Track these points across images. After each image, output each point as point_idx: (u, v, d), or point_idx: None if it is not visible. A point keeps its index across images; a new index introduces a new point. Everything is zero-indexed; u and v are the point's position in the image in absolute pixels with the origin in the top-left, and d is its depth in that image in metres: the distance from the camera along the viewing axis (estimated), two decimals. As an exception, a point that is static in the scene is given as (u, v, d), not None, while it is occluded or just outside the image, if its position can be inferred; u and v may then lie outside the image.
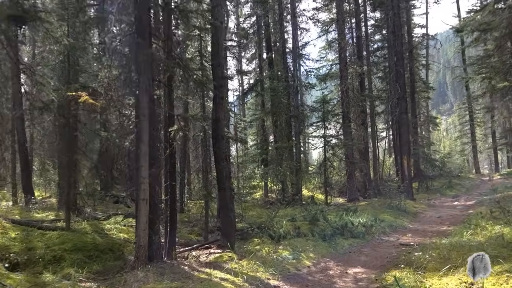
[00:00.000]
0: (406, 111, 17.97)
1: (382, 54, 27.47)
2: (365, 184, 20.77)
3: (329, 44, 23.15)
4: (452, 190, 22.67)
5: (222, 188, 9.80)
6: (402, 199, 15.28)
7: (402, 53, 18.78)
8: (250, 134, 30.62)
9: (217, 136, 9.62)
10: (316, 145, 20.13)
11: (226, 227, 9.75)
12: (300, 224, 11.23)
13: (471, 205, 15.75)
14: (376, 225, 11.28)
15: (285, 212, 14.59)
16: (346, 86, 19.83)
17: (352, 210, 13.33)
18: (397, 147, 23.47)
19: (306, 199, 19.33)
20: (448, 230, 11.54)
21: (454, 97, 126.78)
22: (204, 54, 12.05)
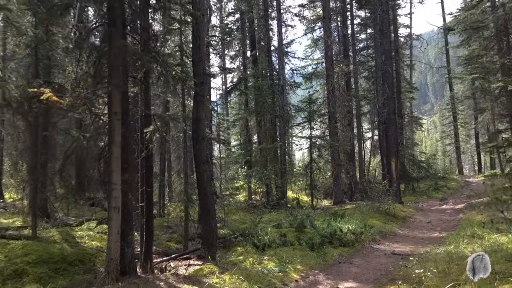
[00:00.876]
0: (394, 111, 17.51)
1: (368, 53, 27.05)
2: (351, 186, 20.27)
3: (315, 42, 22.59)
4: (439, 192, 22.37)
5: (203, 193, 9.09)
6: (390, 202, 14.79)
7: (391, 52, 18.33)
8: (234, 134, 29.87)
9: (198, 137, 8.89)
10: (301, 146, 19.52)
11: (207, 236, 9.03)
12: (286, 231, 10.58)
13: (460, 209, 15.36)
14: (366, 232, 10.71)
15: (270, 216, 13.94)
16: (333, 86, 19.29)
17: (339, 215, 12.74)
18: (383, 148, 23.04)
19: (291, 202, 18.73)
20: (440, 237, 11.06)
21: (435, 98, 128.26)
22: (184, 49, 11.29)
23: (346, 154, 20.60)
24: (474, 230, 9.41)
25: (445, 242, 9.82)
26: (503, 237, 8.73)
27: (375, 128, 28.08)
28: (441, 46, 44.50)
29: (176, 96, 11.24)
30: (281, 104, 17.08)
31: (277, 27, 18.16)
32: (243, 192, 22.78)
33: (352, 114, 21.96)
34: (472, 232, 9.34)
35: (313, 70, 21.28)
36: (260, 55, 18.84)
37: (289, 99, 21.34)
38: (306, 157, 44.39)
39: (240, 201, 20.03)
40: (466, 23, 15.12)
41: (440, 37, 45.22)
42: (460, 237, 9.56)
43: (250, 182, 18.60)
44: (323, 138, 17.97)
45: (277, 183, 16.37)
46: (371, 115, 26.67)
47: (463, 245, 8.80)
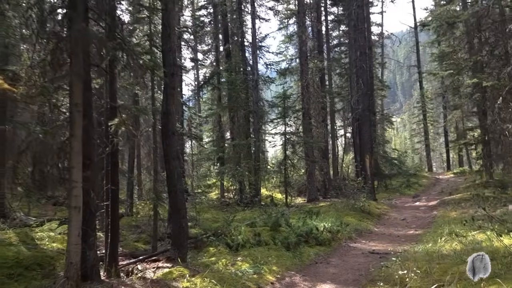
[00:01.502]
0: (369, 108, 17.39)
1: (341, 50, 26.98)
2: (325, 183, 20.08)
3: (289, 38, 22.26)
4: (411, 189, 22.49)
5: (173, 190, 8.55)
6: (365, 200, 14.64)
7: (365, 48, 18.19)
8: (206, 131, 29.29)
9: (168, 131, 8.36)
10: (275, 143, 19.17)
11: (177, 236, 8.51)
12: (261, 230, 10.17)
13: (433, 206, 15.36)
14: (342, 230, 10.44)
15: (243, 215, 13.51)
16: (307, 81, 19.02)
17: (315, 213, 12.45)
18: (357, 145, 23.01)
19: (265, 199, 18.37)
20: (416, 234, 10.91)
21: (403, 97, 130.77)
22: (154, 40, 10.70)
23: (320, 151, 20.39)
24: (452, 228, 9.26)
25: (423, 240, 9.65)
26: (481, 235, 8.61)
27: (348, 125, 28.08)
28: (412, 45, 45.05)
29: (145, 89, 10.66)
30: (255, 99, 16.66)
31: (251, 20, 17.73)
32: (215, 189, 22.26)
33: (326, 111, 21.77)
34: (450, 229, 9.17)
35: (287, 66, 20.96)
36: (233, 49, 18.36)
37: (263, 94, 20.96)
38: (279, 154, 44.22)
39: (212, 199, 19.53)
40: (441, 18, 15.08)
41: (411, 36, 45.77)
42: (437, 234, 9.40)
43: (223, 180, 18.12)
44: (297, 135, 17.65)
45: (250, 180, 15.96)
46: (345, 112, 26.64)
47: (442, 243, 8.63)
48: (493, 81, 11.93)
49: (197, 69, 32.74)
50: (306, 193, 19.49)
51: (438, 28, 16.40)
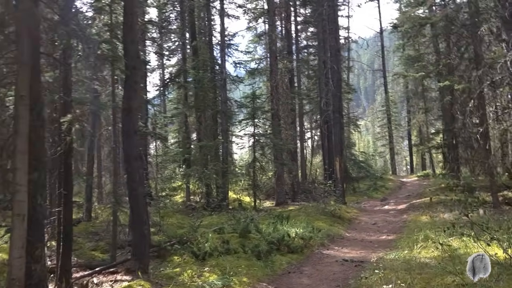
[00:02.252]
0: (339, 110, 17.12)
1: (309, 52, 26.75)
2: (293, 186, 19.67)
3: (258, 37, 21.79)
4: (378, 193, 22.45)
5: (134, 194, 7.81)
6: (335, 203, 14.30)
7: (336, 49, 17.92)
8: (172, 131, 28.34)
9: (129, 130, 7.62)
10: (244, 144, 18.60)
11: (138, 245, 7.77)
12: (229, 237, 9.55)
13: (403, 210, 15.20)
14: (315, 236, 9.95)
15: (210, 220, 12.84)
16: (276, 82, 18.58)
17: (285, 217, 11.93)
18: (325, 148, 22.76)
19: (233, 203, 17.76)
20: (389, 240, 10.59)
21: (367, 101, 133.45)
22: (116, 31, 9.90)
23: (289, 153, 19.98)
24: (427, 233, 8.94)
25: (397, 246, 9.31)
26: (456, 241, 8.33)
27: (316, 128, 27.87)
28: (377, 50, 45.62)
29: (105, 84, 9.84)
30: (223, 99, 16.02)
31: (219, 17, 17.08)
32: (181, 192, 21.40)
33: (295, 113, 21.40)
34: (425, 235, 8.85)
35: (256, 66, 20.45)
36: (201, 47, 17.66)
37: (232, 94, 20.34)
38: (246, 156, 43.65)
39: (178, 203, 18.71)
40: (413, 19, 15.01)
41: (376, 41, 46.28)
42: (411, 241, 9.08)
43: (189, 182, 17.35)
44: (266, 136, 17.14)
45: (218, 183, 15.28)
46: (313, 114, 26.40)
47: (418, 250, 8.30)
48: (464, 84, 11.84)
49: (163, 67, 31.76)
50: (274, 196, 19.01)
51: (410, 29, 16.38)
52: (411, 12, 16.13)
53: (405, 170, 50.73)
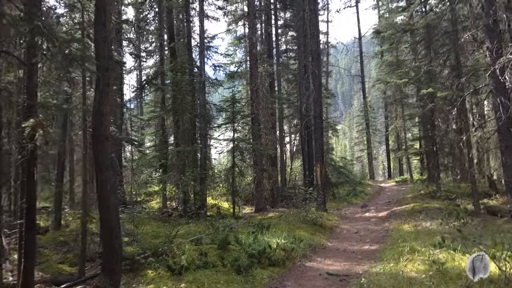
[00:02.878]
0: (320, 115, 16.80)
1: (289, 56, 26.50)
2: (273, 192, 19.29)
3: (238, 40, 21.37)
4: (358, 198, 22.29)
5: (105, 205, 7.26)
6: (315, 210, 13.98)
7: (318, 53, 17.64)
8: (148, 135, 27.64)
9: (99, 135, 7.07)
10: (222, 149, 18.11)
11: (108, 260, 7.21)
12: (207, 248, 9.07)
13: (384, 218, 14.97)
14: (297, 247, 9.55)
15: (187, 229, 12.30)
16: (256, 86, 18.19)
17: (265, 226, 11.52)
18: (305, 153, 22.50)
19: (211, 209, 17.25)
20: (372, 250, 10.28)
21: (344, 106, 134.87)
22: (89, 31, 9.33)
23: (268, 159, 19.60)
24: (412, 245, 8.65)
25: (382, 258, 9.00)
26: (443, 253, 8.06)
27: (295, 132, 27.61)
28: (356, 55, 45.87)
29: (77, 85, 9.23)
30: (202, 102, 15.50)
31: (198, 18, 16.55)
32: (157, 198, 20.76)
33: (275, 117, 21.05)
34: (411, 247, 8.55)
35: (236, 69, 20.02)
36: (179, 49, 17.12)
37: (211, 98, 19.83)
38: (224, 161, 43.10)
39: (153, 209, 18.09)
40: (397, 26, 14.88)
41: (355, 47, 46.43)
42: (396, 252, 8.78)
43: (166, 188, 16.75)
44: (246, 141, 16.70)
45: (196, 189, 14.74)
46: (293, 118, 26.14)
47: (404, 263, 7.98)
48: (447, 91, 11.69)
49: (140, 69, 31.04)
50: (253, 202, 18.59)
51: (392, 35, 16.26)
52: (393, 18, 16.00)
53: (382, 175, 51.11)
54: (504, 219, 10.80)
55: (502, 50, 10.07)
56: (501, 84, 10.24)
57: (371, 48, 57.32)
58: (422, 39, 14.86)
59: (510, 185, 10.33)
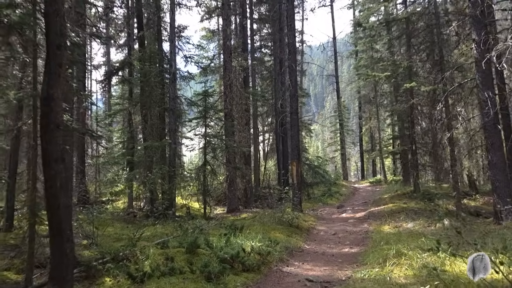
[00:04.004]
0: (297, 111, 16.11)
1: (265, 52, 25.81)
2: (246, 192, 18.49)
3: (212, 32, 20.47)
4: (333, 199, 21.78)
5: (55, 205, 6.26)
6: (292, 211, 13.29)
7: (295, 47, 16.95)
8: (115, 131, 26.37)
9: (49, 123, 6.09)
10: (193, 146, 17.20)
11: (58, 267, 6.24)
12: (175, 252, 8.17)
13: (362, 219, 14.41)
14: (273, 250, 8.76)
15: (154, 230, 11.33)
16: (230, 80, 17.37)
17: (238, 228, 10.71)
18: (280, 151, 21.82)
19: (180, 209, 16.31)
20: (353, 254, 9.63)
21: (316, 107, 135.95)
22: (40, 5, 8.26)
23: (242, 157, 18.80)
24: (399, 248, 8.01)
25: (365, 261, 8.34)
26: (432, 257, 7.43)
27: (270, 130, 26.91)
28: (330, 55, 45.73)
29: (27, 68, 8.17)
30: (172, 95, 14.50)
31: (170, 6, 15.51)
32: (124, 197, 19.61)
33: (250, 114, 20.26)
34: (397, 250, 7.91)
35: (209, 62, 19.10)
36: (149, 37, 16.09)
37: (182, 93, 18.83)
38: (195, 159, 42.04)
39: (119, 209, 17.00)
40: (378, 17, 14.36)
41: (329, 46, 46.18)
42: (381, 256, 8.12)
43: (132, 187, 15.71)
44: (219, 138, 15.84)
45: (164, 188, 13.76)
46: (268, 116, 25.44)
47: (390, 268, 7.32)
48: (431, 86, 11.18)
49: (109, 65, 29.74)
50: (226, 202, 17.77)
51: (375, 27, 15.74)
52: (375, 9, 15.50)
53: (355, 176, 51.17)
54: (488, 220, 10.35)
55: (489, 42, 9.61)
56: (488, 77, 9.79)
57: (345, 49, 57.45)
58: (403, 33, 14.38)
59: (496, 185, 9.88)
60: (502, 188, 9.77)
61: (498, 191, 9.81)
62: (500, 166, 9.88)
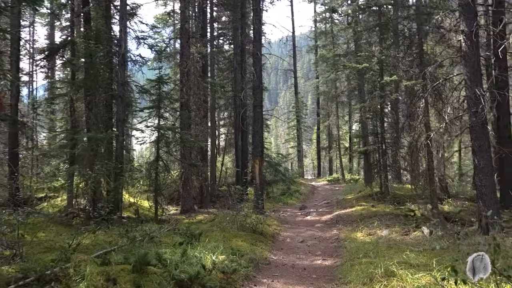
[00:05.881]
0: (261, 103, 14.79)
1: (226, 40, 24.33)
2: (202, 190, 17.01)
3: (168, 15, 18.69)
4: (293, 199, 20.76)
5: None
6: (255, 214, 12.01)
7: (261, 33, 15.58)
8: (58, 120, 23.94)
9: None
10: (144, 139, 15.46)
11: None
12: (118, 271, 6.59)
13: (331, 223, 13.35)
14: (238, 266, 7.38)
15: (95, 237, 9.58)
16: (188, 67, 15.77)
17: (195, 235, 9.27)
18: (239, 147, 20.48)
19: (128, 209, 14.60)
20: (327, 267, 8.46)
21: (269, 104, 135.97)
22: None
23: (198, 152, 17.26)
24: (386, 265, 6.87)
25: (345, 280, 7.16)
26: (427, 277, 6.36)
27: (229, 125, 25.49)
28: (289, 49, 44.95)
29: None
30: (121, 79, 12.69)
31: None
32: (64, 195, 17.45)
33: (208, 106, 18.72)
34: (385, 268, 6.76)
35: (164, 46, 17.35)
36: (95, 14, 14.14)
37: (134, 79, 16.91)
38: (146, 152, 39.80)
39: (58, 207, 15.02)
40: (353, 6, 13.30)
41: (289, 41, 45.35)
42: (363, 274, 6.96)
43: (72, 184, 13.78)
44: (174, 130, 14.21)
45: (109, 187, 11.99)
46: (226, 109, 23.99)
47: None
48: (414, 80, 10.23)
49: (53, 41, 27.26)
50: (179, 201, 16.22)
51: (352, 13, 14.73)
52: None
53: (312, 173, 50.75)
54: (472, 228, 9.51)
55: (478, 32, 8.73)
56: (477, 73, 8.91)
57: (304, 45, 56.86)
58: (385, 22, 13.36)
59: (482, 191, 9.05)
60: (488, 194, 8.97)
61: (484, 198, 8.98)
62: (487, 170, 9.07)
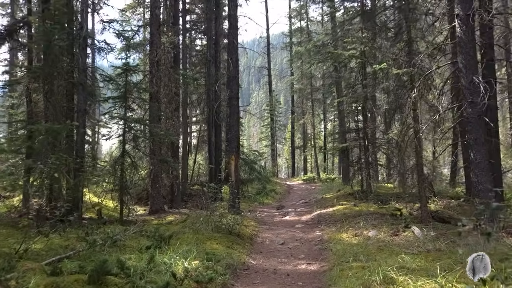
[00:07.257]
0: (237, 96, 13.83)
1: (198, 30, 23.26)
2: (173, 189, 15.88)
3: (137, 2, 17.43)
4: (269, 198, 19.90)
5: None
6: (231, 214, 11.05)
7: (237, 20, 14.59)
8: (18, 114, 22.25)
9: None
10: (111, 133, 14.18)
11: None
12: (71, 282, 5.49)
13: (311, 223, 12.51)
14: (214, 274, 6.40)
15: (48, 242, 8.32)
16: (158, 57, 14.66)
17: (165, 238, 8.23)
18: (212, 143, 19.45)
19: (91, 209, 13.33)
20: (312, 272, 7.59)
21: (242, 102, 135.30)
22: None
23: (169, 148, 16.14)
24: (385, 272, 6.04)
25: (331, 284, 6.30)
26: (431, 285, 5.57)
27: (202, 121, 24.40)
28: (263, 46, 44.12)
29: None
30: (82, 65, 11.43)
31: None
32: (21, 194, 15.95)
33: (179, 98, 17.59)
34: (383, 275, 5.93)
35: (132, 34, 16.13)
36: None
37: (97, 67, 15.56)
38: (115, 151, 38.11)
39: (12, 207, 13.59)
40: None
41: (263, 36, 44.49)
42: (358, 282, 6.13)
43: (28, 182, 12.40)
44: (143, 123, 13.07)
45: (68, 184, 10.75)
46: (198, 104, 22.90)
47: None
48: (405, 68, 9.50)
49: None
50: (148, 201, 15.05)
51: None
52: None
53: (285, 173, 50.14)
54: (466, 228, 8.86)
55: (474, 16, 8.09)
56: (473, 60, 8.25)
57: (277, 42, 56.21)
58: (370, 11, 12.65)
59: (478, 188, 8.41)
60: (485, 192, 8.32)
61: (481, 195, 8.34)
62: (483, 165, 8.44)
